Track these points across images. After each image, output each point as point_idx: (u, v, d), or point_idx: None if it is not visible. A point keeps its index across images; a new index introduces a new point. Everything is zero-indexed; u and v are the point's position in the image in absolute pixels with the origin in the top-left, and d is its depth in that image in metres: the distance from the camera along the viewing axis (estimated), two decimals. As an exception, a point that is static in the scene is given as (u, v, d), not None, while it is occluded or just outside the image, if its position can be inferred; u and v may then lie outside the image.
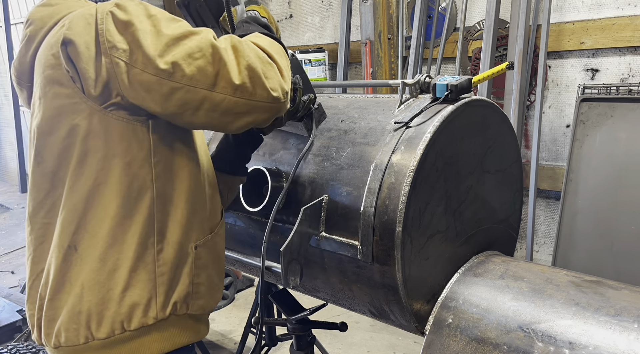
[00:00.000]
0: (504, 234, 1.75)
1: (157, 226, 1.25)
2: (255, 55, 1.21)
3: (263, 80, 1.19)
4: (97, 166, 1.20)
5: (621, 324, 1.21)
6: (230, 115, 1.20)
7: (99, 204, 1.21)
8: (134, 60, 1.14)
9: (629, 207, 2.70)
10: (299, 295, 1.88)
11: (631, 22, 2.96)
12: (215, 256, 1.39)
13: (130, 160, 1.21)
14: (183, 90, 1.15)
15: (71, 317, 1.21)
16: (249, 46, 1.22)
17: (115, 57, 1.14)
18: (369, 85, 2.92)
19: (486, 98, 2.05)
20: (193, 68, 1.14)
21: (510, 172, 1.71)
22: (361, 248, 1.40)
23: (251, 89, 1.18)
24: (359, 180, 1.43)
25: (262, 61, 1.21)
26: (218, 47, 1.16)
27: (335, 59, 4.38)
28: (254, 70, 1.18)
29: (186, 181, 1.30)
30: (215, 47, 1.16)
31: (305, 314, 1.89)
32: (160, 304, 1.25)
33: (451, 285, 1.50)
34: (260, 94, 1.19)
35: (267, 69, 1.21)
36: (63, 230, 1.22)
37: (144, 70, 1.13)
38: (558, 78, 3.35)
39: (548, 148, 3.46)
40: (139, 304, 1.23)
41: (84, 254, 1.21)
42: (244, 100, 1.18)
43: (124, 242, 1.22)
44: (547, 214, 3.57)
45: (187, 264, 1.30)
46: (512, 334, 1.29)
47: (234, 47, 1.19)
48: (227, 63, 1.16)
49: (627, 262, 2.69)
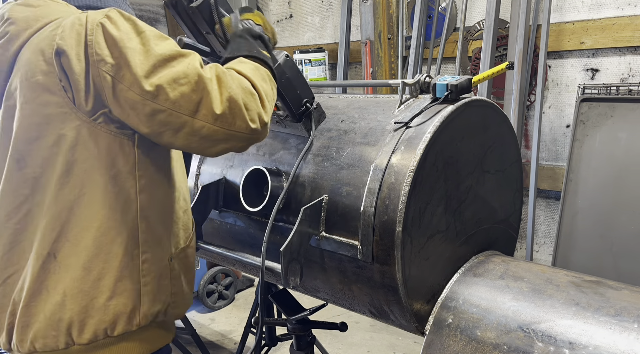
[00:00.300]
0: (504, 234, 1.75)
1: (141, 237, 1.28)
2: (237, 86, 1.23)
3: (243, 112, 1.22)
4: (83, 176, 1.22)
5: (621, 324, 1.21)
6: (208, 141, 1.23)
7: (84, 214, 1.23)
8: (120, 77, 1.16)
9: (629, 207, 2.70)
10: (299, 295, 1.88)
11: (631, 22, 2.96)
12: (187, 268, 1.44)
13: (116, 172, 1.24)
14: (165, 113, 1.17)
15: (50, 324, 1.22)
16: (233, 77, 1.24)
17: (103, 70, 1.16)
18: (369, 85, 2.92)
19: (486, 98, 2.05)
20: (177, 93, 1.16)
21: (510, 172, 1.71)
22: (361, 248, 1.40)
23: (231, 119, 1.21)
24: (359, 180, 1.43)
25: (244, 92, 1.24)
26: (203, 76, 1.19)
27: (335, 59, 4.38)
28: (235, 101, 1.21)
29: (165, 195, 1.35)
30: (201, 75, 1.19)
31: (305, 314, 1.89)
32: (144, 313, 1.29)
33: (451, 285, 1.50)
34: (239, 125, 1.22)
35: (248, 100, 1.24)
36: (43, 237, 1.22)
37: (129, 88, 1.16)
38: (558, 78, 3.35)
39: (548, 148, 3.46)
40: (124, 313, 1.26)
41: (64, 262, 1.23)
42: (223, 129, 1.21)
43: (110, 252, 1.25)
44: (547, 214, 3.57)
45: (166, 276, 1.34)
46: (512, 334, 1.29)
47: (218, 77, 1.21)
48: (210, 93, 1.18)
49: (627, 262, 2.69)
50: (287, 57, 1.50)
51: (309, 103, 1.56)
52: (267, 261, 1.50)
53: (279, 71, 1.47)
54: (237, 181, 1.69)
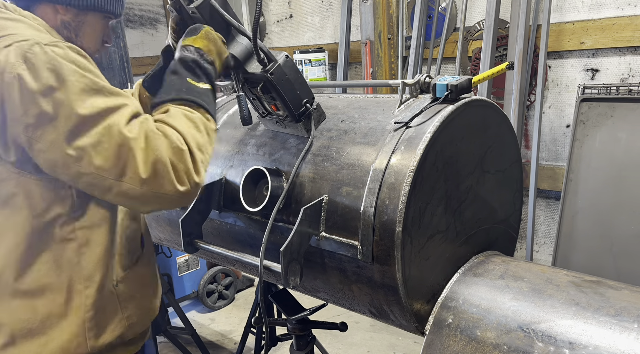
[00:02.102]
0: (504, 234, 1.75)
1: (83, 273, 1.28)
2: (166, 147, 1.16)
3: (170, 175, 1.16)
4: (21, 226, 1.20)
5: (621, 324, 1.21)
6: (138, 202, 1.19)
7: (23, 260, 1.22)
8: (37, 137, 1.10)
9: (629, 207, 2.70)
10: (299, 294, 1.88)
11: (631, 22, 2.96)
12: (141, 285, 1.43)
13: (54, 217, 1.23)
14: (90, 176, 1.14)
15: None
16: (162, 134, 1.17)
17: (19, 130, 1.10)
18: (369, 85, 2.92)
19: (486, 98, 2.05)
20: (101, 158, 1.12)
21: (510, 172, 1.71)
22: (361, 248, 1.40)
23: (158, 182, 1.15)
24: (359, 180, 1.43)
25: (173, 152, 1.17)
26: (128, 138, 1.13)
27: (335, 59, 4.38)
28: (163, 164, 1.15)
29: (107, 223, 1.32)
30: (126, 138, 1.13)
31: (305, 314, 1.90)
32: (91, 346, 1.29)
33: (451, 285, 1.50)
34: (167, 188, 1.16)
35: (176, 160, 1.17)
36: None
37: (49, 150, 1.11)
38: (558, 78, 3.35)
39: (548, 148, 3.46)
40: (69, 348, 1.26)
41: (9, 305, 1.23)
42: (150, 192, 1.16)
43: (53, 291, 1.24)
44: (547, 214, 3.57)
45: (112, 303, 1.33)
46: (512, 334, 1.29)
47: (146, 136, 1.15)
48: (135, 156, 1.13)
49: (627, 262, 2.69)
50: (287, 57, 1.49)
51: (309, 104, 1.56)
52: (267, 261, 1.50)
53: (279, 72, 1.46)
54: (237, 181, 1.69)
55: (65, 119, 1.09)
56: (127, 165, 1.13)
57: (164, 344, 3.52)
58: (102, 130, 1.12)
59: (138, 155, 1.13)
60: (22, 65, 1.08)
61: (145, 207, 1.21)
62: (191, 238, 1.68)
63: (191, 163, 1.20)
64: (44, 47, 1.11)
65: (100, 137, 1.11)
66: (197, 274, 3.98)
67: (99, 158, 1.11)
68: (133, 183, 1.14)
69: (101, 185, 1.15)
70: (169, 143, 1.17)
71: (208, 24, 1.38)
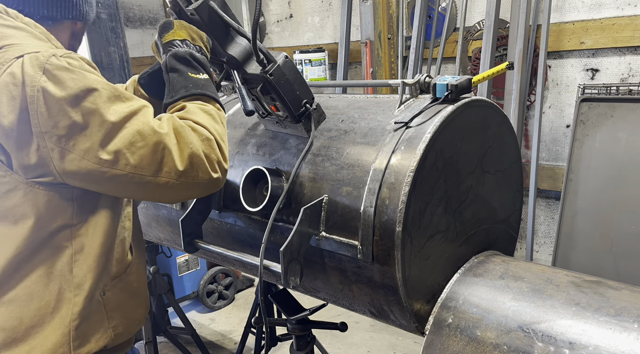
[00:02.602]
0: (504, 234, 1.75)
1: (74, 280, 1.27)
2: (196, 139, 1.22)
3: (205, 165, 1.23)
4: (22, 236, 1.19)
5: (621, 324, 1.21)
6: (171, 193, 1.23)
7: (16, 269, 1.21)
8: (70, 147, 1.11)
9: (629, 207, 2.70)
10: (299, 294, 1.88)
11: (631, 22, 2.96)
12: (130, 294, 1.42)
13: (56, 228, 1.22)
14: (127, 177, 1.16)
15: None
16: (190, 129, 1.22)
17: (50, 142, 1.10)
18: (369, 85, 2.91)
19: (486, 98, 2.05)
20: (137, 157, 1.15)
21: (510, 172, 1.71)
22: (361, 248, 1.40)
23: (194, 173, 1.21)
24: (359, 180, 1.43)
25: (204, 143, 1.24)
26: (160, 133, 1.16)
27: (335, 59, 4.38)
28: (198, 156, 1.22)
29: (102, 231, 1.32)
30: (158, 134, 1.16)
31: (305, 314, 1.90)
32: None
33: (451, 285, 1.50)
34: (202, 177, 1.23)
35: (208, 151, 1.24)
36: None
37: (83, 158, 1.12)
38: (558, 78, 3.35)
39: (548, 148, 3.46)
40: None
41: None
42: (187, 183, 1.20)
43: (42, 299, 1.23)
44: (547, 214, 3.57)
45: (99, 312, 1.32)
46: (512, 334, 1.29)
47: (176, 132, 1.20)
48: (171, 151, 1.17)
49: (627, 262, 2.69)
50: (286, 58, 1.49)
51: (309, 104, 1.56)
52: (267, 261, 1.50)
53: (278, 73, 1.46)
54: (237, 181, 1.69)
55: (97, 127, 1.12)
56: (163, 161, 1.17)
57: (164, 344, 3.53)
58: (132, 128, 1.15)
59: (173, 149, 1.18)
60: (43, 77, 1.09)
61: (178, 197, 1.27)
62: (191, 238, 1.68)
63: (219, 151, 1.27)
64: (60, 59, 1.12)
65: (132, 136, 1.14)
66: (197, 274, 3.98)
67: (134, 157, 1.15)
68: (170, 177, 1.19)
69: (138, 183, 1.18)
70: (199, 135, 1.23)
71: (207, 25, 1.39)
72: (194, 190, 1.25)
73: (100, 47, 4.54)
